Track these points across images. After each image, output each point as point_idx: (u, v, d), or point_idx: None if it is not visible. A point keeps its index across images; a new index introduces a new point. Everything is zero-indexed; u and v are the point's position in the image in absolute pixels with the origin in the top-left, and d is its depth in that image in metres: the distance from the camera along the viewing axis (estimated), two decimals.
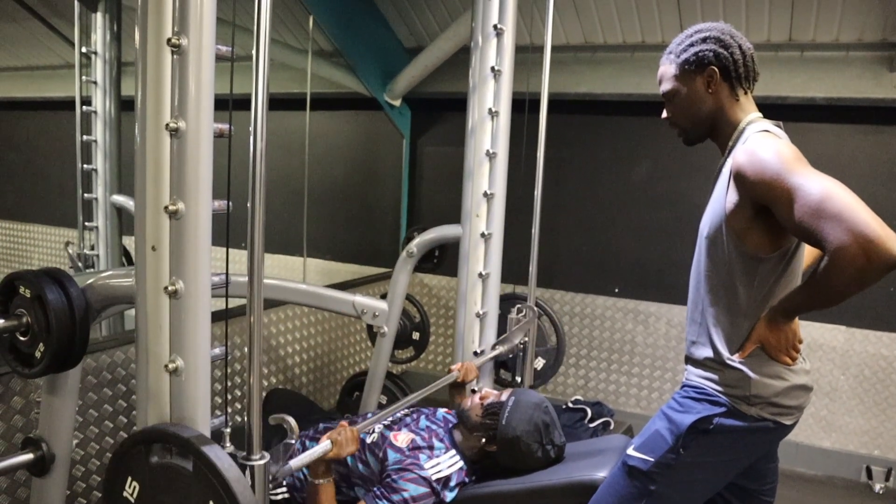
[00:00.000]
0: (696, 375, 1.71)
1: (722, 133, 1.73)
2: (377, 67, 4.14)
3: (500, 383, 3.08)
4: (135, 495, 1.35)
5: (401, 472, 2.00)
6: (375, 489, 1.98)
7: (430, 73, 4.04)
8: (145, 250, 1.42)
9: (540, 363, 3.07)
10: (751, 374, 1.61)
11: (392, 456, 2.04)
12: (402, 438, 2.12)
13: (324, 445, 1.88)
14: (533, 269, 2.86)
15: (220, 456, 1.25)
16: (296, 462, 1.73)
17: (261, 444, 1.51)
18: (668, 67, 1.76)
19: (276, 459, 1.61)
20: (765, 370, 1.62)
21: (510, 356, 2.89)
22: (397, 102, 4.32)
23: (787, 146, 1.54)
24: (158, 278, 1.42)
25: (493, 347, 2.83)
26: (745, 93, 1.72)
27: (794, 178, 1.45)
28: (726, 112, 1.70)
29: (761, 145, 1.55)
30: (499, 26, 2.62)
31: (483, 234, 2.71)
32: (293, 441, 1.62)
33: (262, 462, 1.50)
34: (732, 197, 1.58)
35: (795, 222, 1.44)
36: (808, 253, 1.74)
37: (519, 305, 2.86)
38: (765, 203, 1.52)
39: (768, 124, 1.66)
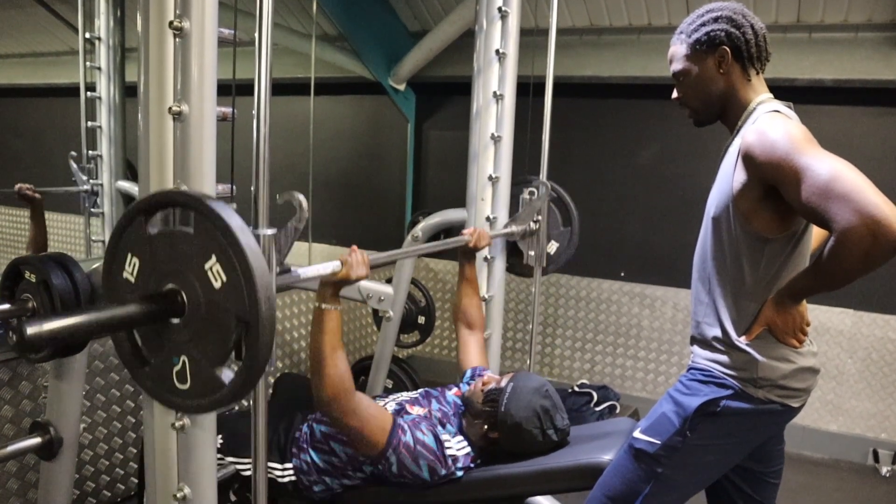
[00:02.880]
0: (702, 357, 1.70)
1: (732, 114, 1.71)
2: (381, 52, 4.12)
3: (511, 270, 3.01)
4: (135, 273, 1.27)
5: (424, 421, 2.03)
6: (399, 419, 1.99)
7: (435, 56, 4.02)
8: None
9: (553, 247, 2.98)
10: (758, 356, 1.61)
11: (408, 418, 2.06)
12: (416, 410, 2.12)
13: (332, 264, 1.80)
14: (545, 154, 2.83)
15: (224, 208, 1.17)
16: (304, 271, 1.66)
17: (268, 217, 1.47)
18: (678, 47, 1.73)
19: (285, 241, 1.53)
20: (772, 353, 1.62)
21: (522, 238, 2.82)
22: (402, 87, 4.30)
23: (796, 126, 1.53)
24: None
25: (506, 226, 2.78)
26: (757, 73, 1.70)
27: (803, 158, 1.44)
28: (737, 93, 1.69)
29: (771, 125, 1.54)
30: (503, 9, 2.60)
31: (488, 218, 2.71)
32: (300, 224, 1.53)
33: (269, 232, 1.46)
34: (740, 177, 1.57)
35: (803, 202, 1.43)
36: (815, 235, 1.72)
37: (531, 187, 2.80)
38: (773, 183, 1.51)
39: (778, 104, 1.64)
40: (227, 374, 1.19)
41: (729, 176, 1.61)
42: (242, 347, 1.17)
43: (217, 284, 1.17)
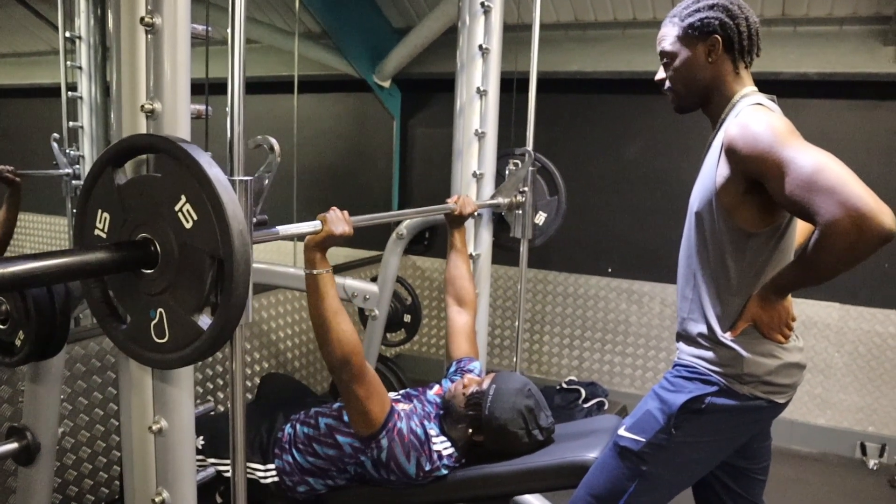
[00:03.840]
0: (687, 354, 1.69)
1: (715, 105, 1.69)
2: (366, 48, 4.10)
3: (497, 244, 2.95)
4: (106, 228, 1.25)
5: (415, 415, 2.02)
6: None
7: (420, 53, 4.00)
8: None
9: (541, 218, 2.94)
10: (743, 352, 1.60)
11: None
12: (402, 407, 2.11)
13: (312, 223, 1.79)
14: (530, 122, 2.80)
15: (192, 147, 1.15)
16: (284, 229, 1.63)
17: (242, 166, 1.42)
18: (670, 29, 1.71)
19: (259, 188, 1.48)
20: (757, 348, 1.61)
21: (510, 210, 2.79)
22: (387, 84, 4.27)
23: (779, 119, 1.52)
24: None
25: (492, 197, 2.76)
26: (746, 67, 1.69)
27: (787, 151, 1.43)
28: (722, 84, 1.67)
29: (753, 118, 1.52)
30: (486, 4, 2.58)
31: (473, 215, 2.69)
32: (272, 172, 1.50)
33: (244, 178, 1.42)
34: (723, 171, 1.56)
35: (787, 195, 1.42)
36: (800, 230, 1.71)
37: (515, 159, 2.77)
38: (756, 177, 1.50)
39: (762, 97, 1.63)
40: (204, 321, 1.17)
41: (712, 170, 1.59)
42: (218, 294, 1.15)
43: (188, 225, 1.15)
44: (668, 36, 1.71)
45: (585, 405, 3.55)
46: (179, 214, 1.16)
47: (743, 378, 1.61)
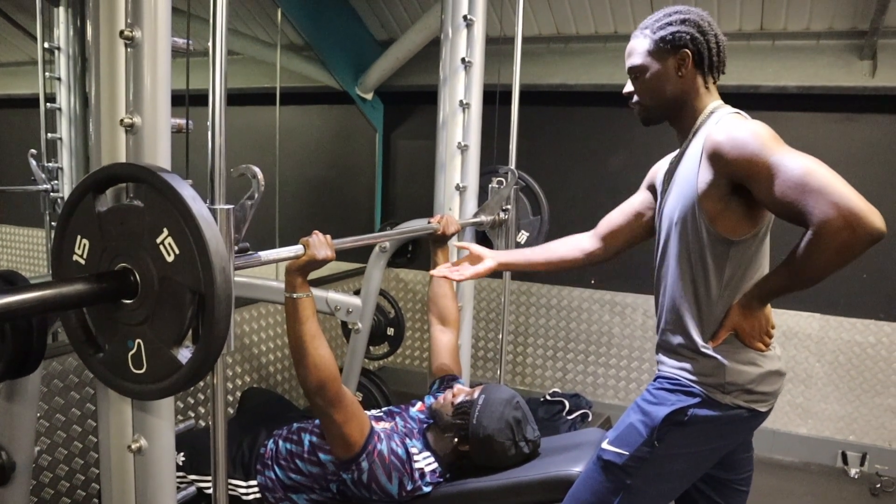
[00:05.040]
0: (669, 366, 1.69)
1: (684, 118, 1.71)
2: (348, 61, 4.09)
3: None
4: (85, 255, 1.23)
5: (395, 434, 2.00)
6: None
7: (403, 65, 4.00)
8: None
9: (524, 236, 2.95)
10: (725, 361, 1.60)
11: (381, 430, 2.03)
12: (383, 425, 2.09)
13: (294, 248, 1.77)
14: (513, 134, 2.81)
15: (175, 178, 1.14)
16: (266, 254, 1.61)
17: (224, 193, 1.39)
18: (640, 42, 1.71)
19: (241, 216, 1.45)
20: (739, 357, 1.61)
21: (492, 228, 2.78)
22: (369, 96, 4.27)
23: (763, 126, 1.54)
24: None
25: (475, 215, 2.75)
26: (713, 82, 1.71)
27: (775, 155, 1.45)
28: (691, 98, 1.68)
29: (738, 125, 1.54)
30: (469, 17, 2.59)
31: None
32: (256, 196, 1.47)
33: (226, 207, 1.38)
34: (706, 176, 1.57)
35: (777, 198, 1.43)
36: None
37: (499, 177, 2.78)
38: (742, 181, 1.51)
39: (736, 110, 1.65)
40: (184, 354, 1.15)
41: (691, 178, 1.60)
42: (199, 326, 1.14)
43: (170, 258, 1.13)
44: (639, 49, 1.71)
45: (569, 417, 3.53)
46: (161, 247, 1.14)
47: (725, 387, 1.61)
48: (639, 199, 2.11)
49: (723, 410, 1.61)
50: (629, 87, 1.77)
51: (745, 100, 1.73)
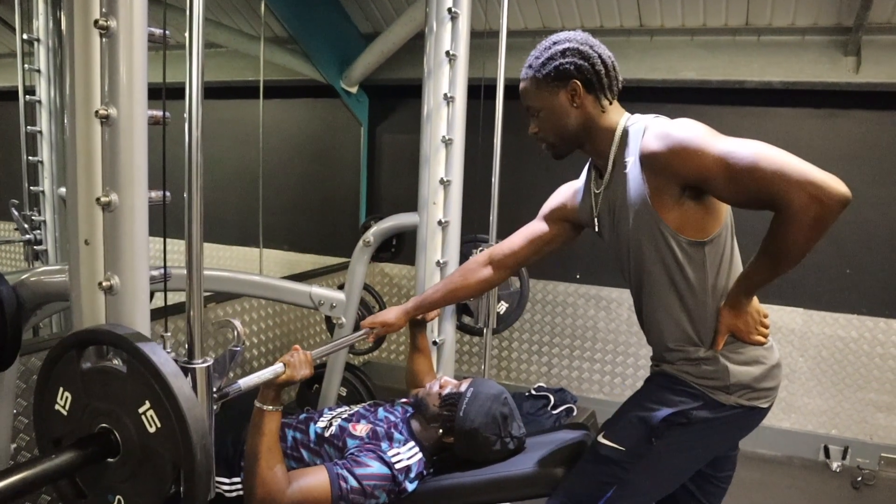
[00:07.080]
0: (671, 367, 1.68)
1: (597, 141, 1.69)
2: (333, 54, 4.06)
3: (462, 329, 3.03)
4: (67, 407, 1.26)
5: (364, 451, 1.95)
6: (338, 460, 1.92)
7: (388, 59, 3.97)
8: (78, 245, 1.35)
9: (503, 307, 2.98)
10: (728, 364, 1.61)
11: (352, 443, 2.00)
12: (360, 428, 2.07)
13: (275, 368, 1.80)
14: (493, 216, 2.81)
15: (156, 351, 1.17)
16: (245, 381, 1.63)
17: (202, 349, 1.40)
18: (529, 83, 1.71)
19: (221, 369, 1.47)
20: (741, 357, 1.62)
21: (472, 299, 2.79)
22: (354, 89, 4.24)
23: (692, 122, 1.52)
24: (92, 274, 1.35)
25: None
26: (611, 102, 1.68)
27: (718, 146, 1.43)
28: (595, 123, 1.67)
29: (670, 127, 1.53)
30: (453, 10, 2.56)
31: (440, 222, 2.66)
32: (239, 348, 1.50)
33: (203, 365, 1.39)
34: (656, 190, 1.54)
35: (736, 192, 1.42)
36: None
37: (480, 247, 2.76)
38: (693, 181, 1.49)
39: (653, 115, 1.64)
40: None
41: (641, 194, 1.57)
42: (180, 493, 1.17)
43: (152, 430, 1.17)
44: (530, 89, 1.71)
45: (554, 412, 3.54)
46: (143, 418, 1.17)
47: (730, 388, 1.61)
48: (541, 228, 2.10)
49: (724, 411, 1.61)
50: (533, 127, 1.76)
51: (730, 96, 1.71)
